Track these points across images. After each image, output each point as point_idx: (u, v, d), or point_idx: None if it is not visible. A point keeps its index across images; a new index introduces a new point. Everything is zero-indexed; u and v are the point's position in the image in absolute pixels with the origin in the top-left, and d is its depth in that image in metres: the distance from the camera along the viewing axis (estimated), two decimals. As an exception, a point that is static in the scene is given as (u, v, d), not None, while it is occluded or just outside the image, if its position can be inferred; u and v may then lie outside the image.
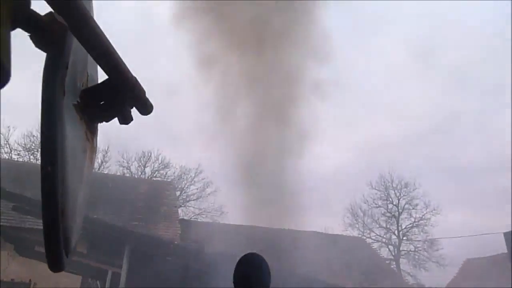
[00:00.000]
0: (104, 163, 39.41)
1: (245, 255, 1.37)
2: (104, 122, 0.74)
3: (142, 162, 40.18)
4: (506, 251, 22.31)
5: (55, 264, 0.54)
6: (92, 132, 0.69)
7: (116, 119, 0.73)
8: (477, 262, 24.43)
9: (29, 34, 0.56)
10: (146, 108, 0.78)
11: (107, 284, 6.69)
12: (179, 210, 28.10)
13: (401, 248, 41.68)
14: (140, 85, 0.78)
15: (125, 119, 0.74)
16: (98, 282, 12.78)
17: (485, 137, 56.56)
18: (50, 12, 0.56)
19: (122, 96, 0.73)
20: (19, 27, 0.53)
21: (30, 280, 16.15)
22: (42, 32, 0.55)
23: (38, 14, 0.55)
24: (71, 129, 0.56)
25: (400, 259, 41.25)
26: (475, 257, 25.12)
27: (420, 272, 40.71)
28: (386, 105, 59.99)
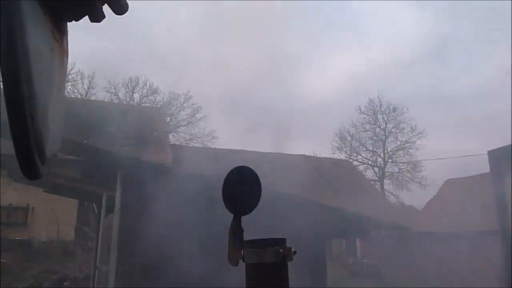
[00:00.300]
0: (90, 90, 38.66)
1: (233, 168, 1.34)
2: (73, 21, 0.66)
3: (130, 88, 39.46)
4: (487, 172, 23.40)
5: (29, 172, 0.51)
6: (60, 32, 0.62)
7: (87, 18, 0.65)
8: (457, 182, 25.68)
9: None
10: (120, 6, 0.69)
11: (103, 207, 6.88)
12: (170, 136, 28.34)
13: (385, 170, 43.49)
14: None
15: (96, 17, 0.66)
16: (94, 205, 13.25)
17: (474, 64, 56.24)
18: None
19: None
20: None
21: (28, 205, 16.69)
22: None
23: None
24: (33, 24, 0.49)
25: (384, 180, 43.28)
26: (456, 178, 26.35)
27: (403, 192, 43.03)
28: (378, 29, 58.23)
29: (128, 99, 39.04)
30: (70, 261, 13.62)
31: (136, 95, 39.60)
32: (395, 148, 43.26)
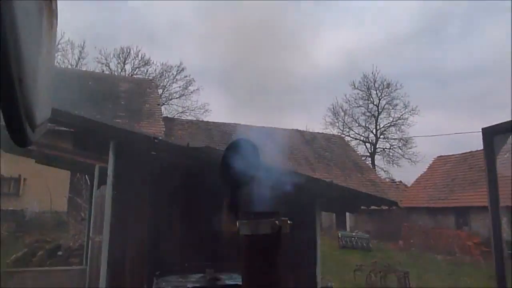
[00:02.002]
0: (81, 60, 37.88)
1: (234, 140, 1.32)
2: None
3: (121, 59, 38.74)
4: (476, 150, 23.70)
5: (19, 139, 0.49)
6: (48, -9, 0.58)
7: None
8: (447, 159, 26.01)
9: None
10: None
11: (95, 178, 6.88)
12: (162, 108, 28.11)
13: (377, 146, 43.86)
14: None
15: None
16: (86, 177, 13.25)
17: (470, 42, 55.88)
18: None
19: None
20: None
21: (19, 176, 16.64)
22: None
23: None
24: (19, -19, 0.46)
25: (376, 155, 43.72)
26: (446, 155, 26.66)
27: (393, 168, 43.62)
28: (373, 4, 57.25)
29: (119, 70, 38.40)
30: (63, 231, 13.73)
31: (127, 66, 38.95)
32: (387, 124, 43.50)
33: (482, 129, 2.51)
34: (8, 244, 12.25)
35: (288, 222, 1.10)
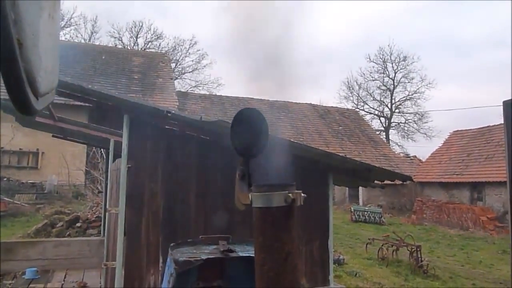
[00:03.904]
0: (94, 34, 37.81)
1: (241, 110, 1.28)
2: None
3: (134, 33, 38.54)
4: (493, 124, 23.16)
5: (22, 106, 0.47)
6: None
7: None
8: (464, 134, 25.53)
9: None
10: None
11: (110, 152, 6.98)
12: (175, 82, 28.09)
13: (392, 120, 43.26)
14: None
15: None
16: (102, 150, 13.48)
17: (487, 11, 53.55)
18: None
19: None
20: None
21: (37, 149, 17.02)
22: None
23: None
24: None
25: (390, 130, 43.20)
26: (462, 129, 26.16)
27: (408, 143, 43.21)
28: (394, -31, 55.09)
29: (132, 44, 38.27)
30: (81, 203, 14.11)
31: (140, 40, 38.78)
32: (403, 98, 42.71)
33: (503, 102, 2.41)
34: (29, 215, 12.68)
35: (302, 194, 1.08)
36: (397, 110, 43.25)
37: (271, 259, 1.03)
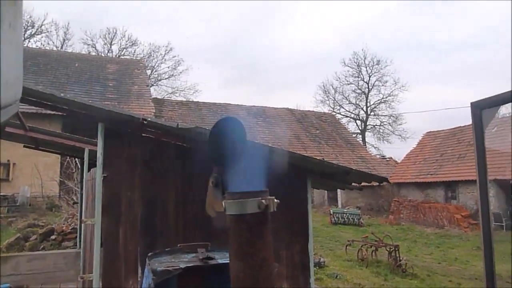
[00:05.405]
0: (66, 41, 36.99)
1: (220, 119, 1.29)
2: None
3: (108, 39, 37.92)
4: (464, 125, 23.93)
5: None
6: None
7: None
8: (437, 134, 26.27)
9: None
10: None
11: (85, 161, 6.82)
12: (152, 89, 27.78)
13: (367, 123, 44.11)
14: None
15: None
16: (76, 160, 13.14)
17: (459, 13, 55.57)
18: None
19: None
20: None
21: (8, 161, 16.45)
22: None
23: None
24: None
25: (366, 132, 44.02)
26: (435, 130, 26.91)
27: (384, 144, 44.06)
28: (366, -25, 56.48)
29: (106, 51, 37.64)
30: (56, 215, 13.70)
31: (114, 47, 38.20)
32: (378, 101, 43.68)
33: (471, 103, 2.50)
34: (0, 229, 12.22)
35: (275, 200, 1.08)
36: (372, 113, 44.17)
37: (246, 266, 1.03)
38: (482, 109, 2.43)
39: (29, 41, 33.25)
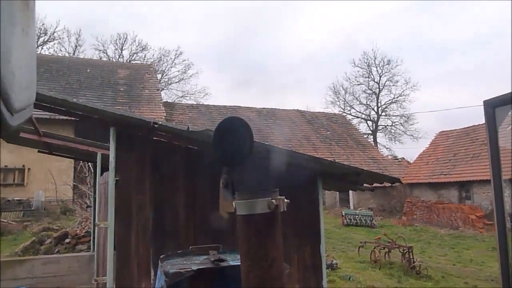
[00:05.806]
0: (78, 47, 37.54)
1: (223, 120, 1.29)
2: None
3: (119, 45, 38.38)
4: (478, 124, 23.58)
5: (-4, 122, 0.47)
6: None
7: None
8: (449, 134, 25.92)
9: None
10: None
11: (98, 166, 6.90)
12: (162, 93, 27.98)
13: (379, 123, 43.73)
14: None
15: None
16: (89, 164, 13.30)
17: (469, 13, 54.87)
18: None
19: None
20: None
21: (23, 166, 16.74)
22: None
23: None
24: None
25: (377, 133, 43.63)
26: (448, 130, 26.55)
27: (395, 145, 43.68)
28: (374, -25, 56.21)
29: (117, 56, 38.09)
30: (69, 219, 13.88)
31: (125, 52, 38.63)
32: (389, 101, 43.28)
33: (484, 101, 2.47)
34: (16, 233, 12.42)
35: (285, 200, 1.08)
36: (383, 113, 43.78)
37: (256, 267, 1.03)
38: (495, 107, 2.40)
39: (42, 48, 33.85)
